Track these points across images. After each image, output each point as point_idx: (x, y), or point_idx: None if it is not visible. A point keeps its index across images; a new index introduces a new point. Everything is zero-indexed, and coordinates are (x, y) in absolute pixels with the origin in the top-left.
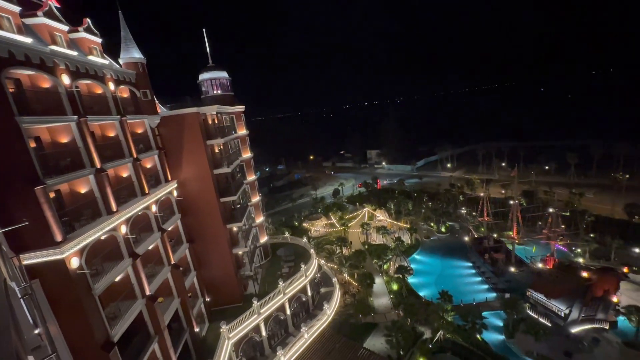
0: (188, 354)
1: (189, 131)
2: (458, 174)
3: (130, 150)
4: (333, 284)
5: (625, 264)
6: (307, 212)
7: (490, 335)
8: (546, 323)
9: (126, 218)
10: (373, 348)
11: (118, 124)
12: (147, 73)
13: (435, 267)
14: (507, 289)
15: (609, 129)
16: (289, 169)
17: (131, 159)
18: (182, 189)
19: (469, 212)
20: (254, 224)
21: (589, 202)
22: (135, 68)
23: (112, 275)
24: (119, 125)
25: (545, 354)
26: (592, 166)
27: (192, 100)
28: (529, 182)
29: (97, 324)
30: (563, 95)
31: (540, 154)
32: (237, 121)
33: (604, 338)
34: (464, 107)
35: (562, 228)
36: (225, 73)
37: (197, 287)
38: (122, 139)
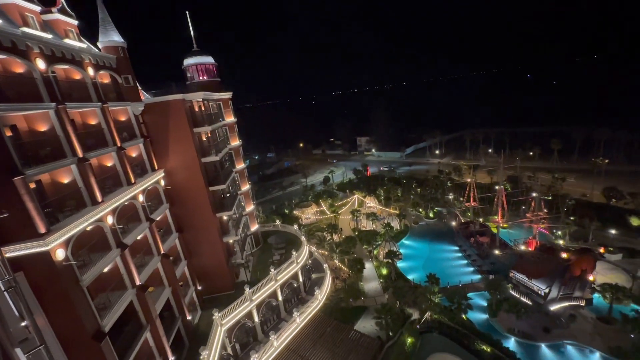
0: (181, 342)
1: (175, 118)
2: (446, 160)
3: (113, 138)
4: (324, 270)
5: (602, 244)
6: (297, 200)
7: (475, 314)
8: (527, 302)
9: (112, 208)
10: (363, 330)
11: (99, 111)
12: (128, 57)
13: (423, 252)
14: (491, 271)
15: (592, 115)
16: (278, 156)
17: (115, 148)
18: (170, 178)
19: (456, 198)
20: (244, 213)
21: (571, 187)
22: (115, 52)
23: (100, 266)
24: (100, 113)
25: (525, 331)
26: (574, 151)
27: (177, 86)
28: (514, 167)
29: (86, 314)
30: (549, 81)
31: (526, 140)
32: (225, 108)
33: (579, 314)
34: (452, 94)
35: (545, 212)
36: (211, 58)
37: (188, 276)
38: (105, 127)
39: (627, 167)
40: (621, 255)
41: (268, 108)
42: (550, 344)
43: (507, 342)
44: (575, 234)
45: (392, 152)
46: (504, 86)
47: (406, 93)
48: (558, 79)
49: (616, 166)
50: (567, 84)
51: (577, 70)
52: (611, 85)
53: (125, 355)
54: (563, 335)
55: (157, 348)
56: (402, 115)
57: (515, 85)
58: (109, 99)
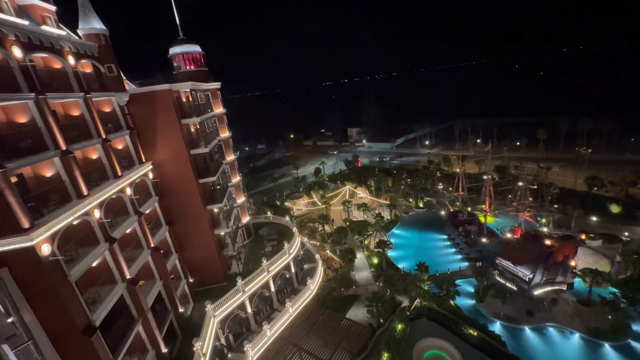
0: (174, 334)
1: (162, 109)
2: (436, 150)
3: (98, 130)
4: (316, 260)
5: (583, 231)
6: (288, 192)
7: (463, 300)
8: (512, 287)
9: (99, 202)
10: (355, 318)
11: (82, 102)
12: (110, 46)
13: (413, 241)
14: (478, 258)
15: (576, 106)
16: (269, 148)
17: (100, 140)
18: (158, 170)
19: (445, 188)
20: (235, 205)
21: (555, 176)
22: (96, 40)
23: (88, 261)
24: (83, 104)
25: (510, 315)
26: (559, 141)
27: (163, 76)
28: (501, 157)
29: (75, 309)
30: (535, 72)
31: (513, 130)
32: (213, 99)
33: (561, 298)
34: (442, 84)
35: (530, 200)
36: (198, 47)
37: (179, 269)
38: (88, 119)
39: (608, 157)
40: (601, 241)
41: (258, 99)
42: (534, 326)
43: (492, 326)
44: (558, 222)
45: (383, 143)
46: (492, 77)
47: (396, 83)
48: (545, 70)
49: (598, 155)
50: (554, 74)
51: (564, 60)
52: (595, 76)
53: (117, 349)
54: (545, 318)
55: (149, 341)
56: (393, 105)
57: (503, 76)
58: (92, 89)
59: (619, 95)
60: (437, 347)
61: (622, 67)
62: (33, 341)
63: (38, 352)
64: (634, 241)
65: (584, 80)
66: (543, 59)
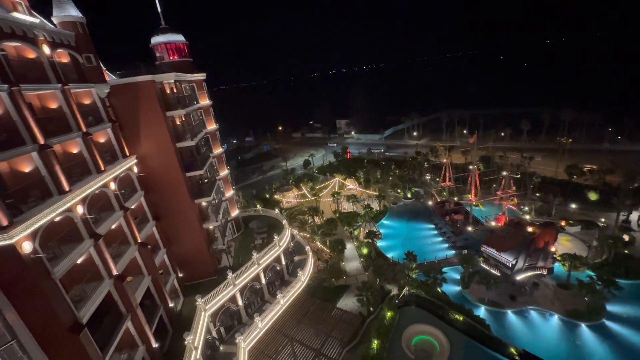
0: (164, 329)
1: (145, 101)
2: (423, 141)
3: (78, 123)
4: (306, 252)
5: (563, 218)
6: (278, 184)
7: (449, 287)
8: (496, 273)
9: (82, 197)
10: (346, 307)
11: (60, 93)
12: (88, 35)
13: (401, 231)
14: (464, 246)
15: (558, 96)
16: (257, 140)
17: (80, 134)
18: (143, 164)
19: (432, 178)
20: (224, 198)
21: (537, 165)
22: (73, 28)
23: (72, 258)
24: (61, 96)
25: (494, 299)
26: (541, 132)
27: (145, 67)
28: (486, 148)
29: (61, 307)
30: (520, 63)
31: (498, 121)
32: (199, 90)
33: (542, 282)
34: (429, 75)
35: (513, 189)
36: (182, 36)
37: (168, 264)
38: (67, 111)
39: (588, 146)
40: (580, 227)
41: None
42: (516, 310)
43: (477, 311)
44: (540, 209)
45: (372, 135)
46: (477, 68)
47: (384, 75)
48: (529, 61)
49: (578, 145)
50: (538, 65)
51: (547, 52)
52: (577, 67)
53: (106, 346)
54: (527, 301)
55: (139, 336)
56: (381, 97)
57: (488, 67)
58: (70, 80)
59: (598, 87)
60: (425, 332)
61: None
62: (17, 341)
63: (23, 352)
64: (610, 226)
65: (566, 71)
66: (527, 50)
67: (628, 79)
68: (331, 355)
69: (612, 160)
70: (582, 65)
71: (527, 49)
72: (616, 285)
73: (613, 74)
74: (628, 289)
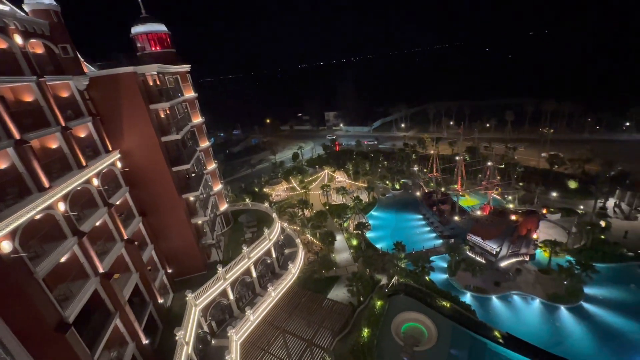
0: (154, 325)
1: (127, 94)
2: (411, 133)
3: (56, 117)
4: (296, 245)
5: (545, 206)
6: (267, 178)
7: (437, 275)
8: (481, 261)
9: (63, 194)
10: (336, 298)
11: (35, 86)
12: (63, 24)
13: (390, 222)
14: (451, 235)
15: (540, 88)
16: (245, 134)
17: (59, 128)
18: (127, 159)
19: (420, 169)
20: (212, 193)
21: (521, 155)
22: (46, 17)
23: (56, 256)
24: (36, 88)
25: (479, 286)
26: (525, 122)
27: (126, 58)
28: (472, 139)
29: (45, 307)
30: (504, 55)
31: (483, 112)
32: (183, 82)
33: (524, 268)
34: (416, 67)
35: (498, 179)
36: (164, 26)
37: (156, 260)
38: (44, 105)
39: (568, 136)
40: (560, 214)
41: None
42: (500, 295)
43: (463, 297)
44: (523, 198)
45: (360, 127)
46: (464, 59)
47: (372, 66)
48: (513, 53)
49: (560, 135)
50: (521, 57)
51: (530, 44)
52: (559, 58)
53: (95, 344)
54: (510, 287)
55: (128, 333)
56: (369, 88)
57: (474, 59)
58: (46, 72)
59: (578, 78)
60: (414, 319)
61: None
62: None
63: (6, 352)
64: (588, 213)
65: (548, 63)
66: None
67: (607, 71)
68: (323, 344)
69: (590, 149)
70: (563, 57)
71: (512, 41)
72: (593, 269)
73: (592, 66)
74: (604, 272)
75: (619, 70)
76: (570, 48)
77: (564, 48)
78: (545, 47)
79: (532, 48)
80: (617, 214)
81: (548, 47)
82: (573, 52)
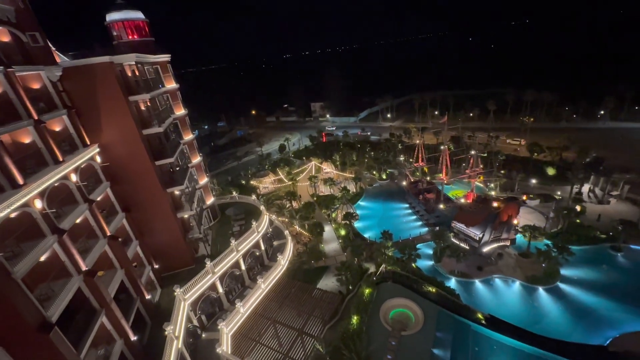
0: (142, 321)
1: (104, 85)
2: (397, 123)
3: (27, 110)
4: (285, 236)
5: (525, 192)
6: (254, 170)
7: (423, 262)
8: (465, 247)
9: (39, 191)
10: (326, 287)
11: (2, 77)
12: (31, 10)
13: (377, 211)
14: (436, 223)
15: (521, 77)
16: (230, 125)
17: (31, 122)
18: (108, 153)
19: (406, 159)
20: (198, 186)
21: (502, 144)
22: (11, 3)
23: (34, 256)
24: (4, 79)
25: (463, 271)
26: (506, 112)
27: (101, 47)
28: (456, 128)
29: (26, 307)
30: (487, 45)
31: (467, 102)
32: (164, 73)
33: (505, 252)
34: (402, 57)
35: (481, 168)
36: (141, 13)
37: (142, 256)
38: (13, 97)
39: (547, 125)
40: (539, 200)
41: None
42: (483, 279)
43: (448, 282)
44: (504, 186)
45: (347, 117)
46: (449, 50)
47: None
48: (495, 43)
49: (539, 124)
50: (503, 47)
51: (512, 33)
52: (538, 48)
53: (81, 342)
54: (492, 271)
55: (116, 330)
56: (355, 79)
57: (457, 49)
58: (14, 62)
59: (557, 67)
60: (401, 305)
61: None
62: None
63: None
64: (565, 199)
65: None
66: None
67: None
68: (313, 333)
69: (567, 137)
70: (543, 47)
71: (494, 31)
72: (569, 252)
73: (571, 56)
74: (579, 254)
75: (596, 60)
76: (550, 38)
77: (544, 38)
78: (526, 37)
79: (514, 38)
80: (591, 199)
81: (529, 37)
82: (552, 41)
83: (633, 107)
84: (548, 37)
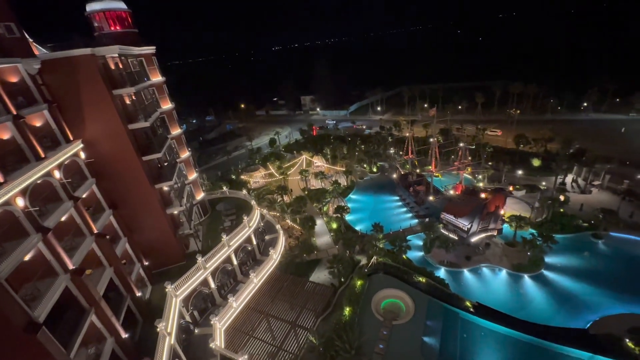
0: (133, 318)
1: (86, 78)
2: (387, 116)
3: (5, 105)
4: (277, 231)
5: (511, 183)
6: (244, 164)
7: (413, 253)
8: (454, 237)
9: (21, 189)
10: (318, 280)
11: None
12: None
13: (368, 204)
14: (426, 215)
15: (508, 70)
16: (219, 119)
17: (10, 117)
18: (92, 149)
19: (396, 152)
20: (187, 181)
21: (490, 136)
22: None
23: (18, 255)
24: None
25: (452, 261)
26: (494, 104)
27: (82, 39)
28: (445, 121)
29: (11, 308)
30: (475, 37)
31: (455, 95)
32: (149, 66)
33: (493, 242)
34: (392, 50)
35: (469, 159)
36: (123, 3)
37: (131, 253)
38: None
39: (533, 117)
40: (524, 191)
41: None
42: (471, 268)
43: (438, 272)
44: (492, 177)
45: (337, 111)
46: (438, 42)
47: (348, 49)
48: (483, 36)
49: (526, 116)
50: (491, 40)
51: (499, 27)
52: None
53: (70, 342)
54: (480, 260)
55: (106, 328)
56: (345, 71)
57: (447, 42)
58: None
59: (543, 60)
60: (392, 296)
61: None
62: None
63: None
64: (549, 189)
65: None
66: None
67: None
68: (306, 325)
69: (552, 129)
70: (530, 39)
71: (482, 23)
72: (553, 240)
73: (556, 49)
74: (562, 242)
75: (580, 52)
76: (537, 31)
77: (531, 30)
78: (513, 30)
79: (502, 30)
80: (574, 189)
81: (516, 29)
82: (539, 34)
83: (614, 100)
84: (535, 30)
